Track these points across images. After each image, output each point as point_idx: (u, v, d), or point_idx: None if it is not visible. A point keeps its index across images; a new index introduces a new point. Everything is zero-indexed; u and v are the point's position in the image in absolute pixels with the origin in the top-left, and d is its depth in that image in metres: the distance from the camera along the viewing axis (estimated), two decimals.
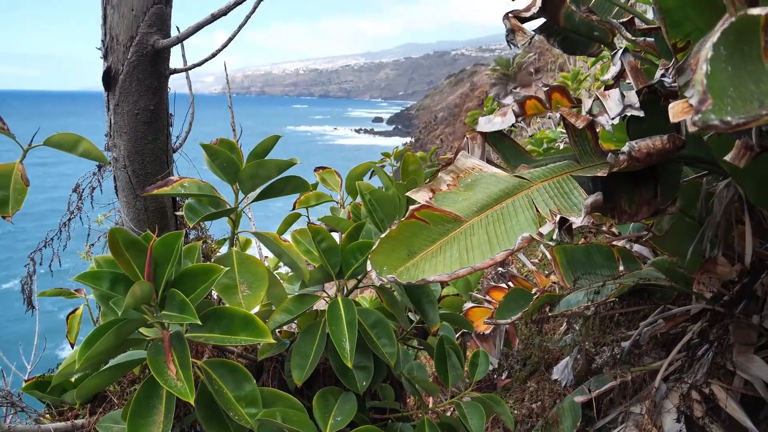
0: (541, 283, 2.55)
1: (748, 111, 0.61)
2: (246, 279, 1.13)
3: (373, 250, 1.10)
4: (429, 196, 1.30)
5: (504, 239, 1.11)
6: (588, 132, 1.45)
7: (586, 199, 1.20)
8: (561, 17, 2.33)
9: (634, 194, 1.42)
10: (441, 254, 1.11)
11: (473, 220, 1.18)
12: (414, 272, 1.07)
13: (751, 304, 1.81)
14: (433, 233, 1.16)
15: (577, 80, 6.34)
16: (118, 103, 1.32)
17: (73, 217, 1.55)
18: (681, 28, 1.25)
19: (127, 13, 1.26)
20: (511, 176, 1.35)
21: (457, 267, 1.06)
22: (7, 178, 1.21)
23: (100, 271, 0.90)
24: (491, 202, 1.24)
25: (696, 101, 0.59)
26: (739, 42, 0.65)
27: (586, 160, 1.44)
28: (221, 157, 1.13)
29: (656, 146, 1.24)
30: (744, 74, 0.65)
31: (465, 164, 1.43)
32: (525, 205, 1.22)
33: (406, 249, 1.12)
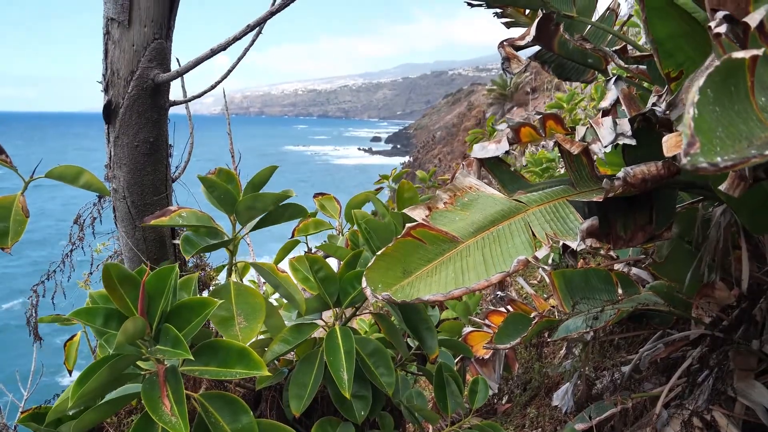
0: (540, 306, 2.55)
1: (737, 151, 0.62)
2: (243, 310, 1.14)
3: (368, 266, 1.09)
4: (426, 214, 1.31)
5: (500, 261, 1.11)
6: (583, 157, 1.46)
7: (582, 223, 1.20)
8: (555, 45, 2.36)
9: (629, 220, 1.43)
10: (436, 274, 1.11)
11: (469, 241, 1.19)
12: (409, 291, 1.07)
13: (750, 329, 1.81)
14: (429, 253, 1.16)
15: (573, 101, 6.39)
16: (118, 136, 1.34)
17: (75, 248, 1.56)
18: (673, 59, 1.27)
19: (128, 48, 1.28)
20: (508, 199, 1.36)
21: (452, 287, 1.06)
22: (7, 210, 1.22)
23: (94, 307, 0.90)
24: (488, 223, 1.24)
25: (685, 144, 0.60)
26: (726, 83, 0.66)
27: (582, 185, 1.45)
28: (218, 189, 1.14)
29: (651, 172, 1.25)
30: (732, 114, 0.67)
31: (463, 183, 1.43)
32: (521, 228, 1.22)
33: (401, 267, 1.12)
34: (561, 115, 6.36)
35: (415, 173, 5.82)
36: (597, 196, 1.31)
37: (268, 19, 1.21)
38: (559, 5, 2.23)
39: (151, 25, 1.29)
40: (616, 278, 2.01)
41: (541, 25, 2.17)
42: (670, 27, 1.20)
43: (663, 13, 1.18)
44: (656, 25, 1.20)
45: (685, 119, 0.62)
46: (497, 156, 1.58)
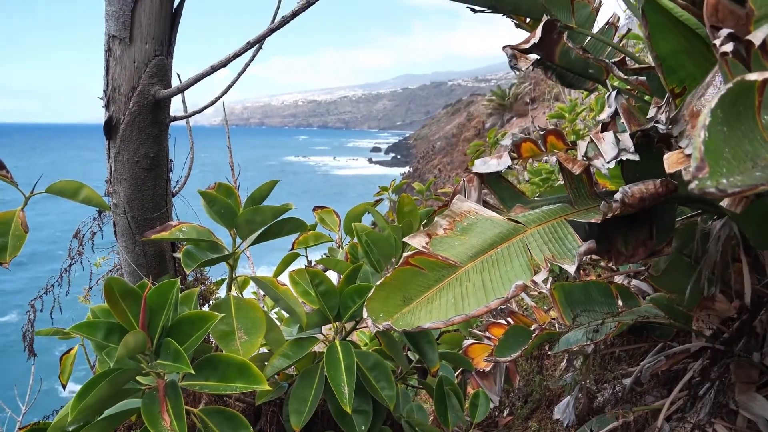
0: (541, 318, 2.54)
1: (742, 172, 0.62)
2: (243, 325, 1.14)
3: (369, 297, 1.10)
4: (425, 241, 1.31)
5: (498, 286, 1.11)
6: (584, 176, 1.46)
7: (580, 246, 1.20)
8: (557, 54, 2.38)
9: (630, 236, 1.44)
10: (436, 300, 1.11)
11: (468, 266, 1.19)
12: (410, 319, 1.07)
13: (751, 341, 1.80)
14: (428, 279, 1.16)
15: (573, 112, 6.40)
16: (119, 151, 1.35)
17: (74, 262, 1.56)
18: (676, 75, 1.28)
19: (129, 65, 1.29)
20: (506, 220, 1.36)
21: (452, 314, 1.06)
22: (6, 226, 1.22)
23: (95, 321, 0.91)
24: (486, 247, 1.24)
25: (693, 167, 0.61)
26: (735, 104, 0.67)
27: (580, 202, 1.45)
28: (218, 204, 1.14)
29: (649, 191, 1.26)
30: (739, 134, 0.67)
31: (461, 208, 1.43)
32: (519, 250, 1.22)
33: (401, 295, 1.12)
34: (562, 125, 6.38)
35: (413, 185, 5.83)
36: (595, 217, 1.31)
37: (268, 36, 1.23)
38: (560, 15, 2.24)
39: (152, 42, 1.30)
40: (616, 291, 2.01)
41: (544, 30, 2.18)
42: (672, 44, 1.21)
43: (665, 30, 1.19)
44: (659, 42, 1.21)
45: (695, 142, 0.62)
46: (498, 172, 1.58)
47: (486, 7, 2.22)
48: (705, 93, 1.04)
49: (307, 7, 1.17)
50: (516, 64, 1.96)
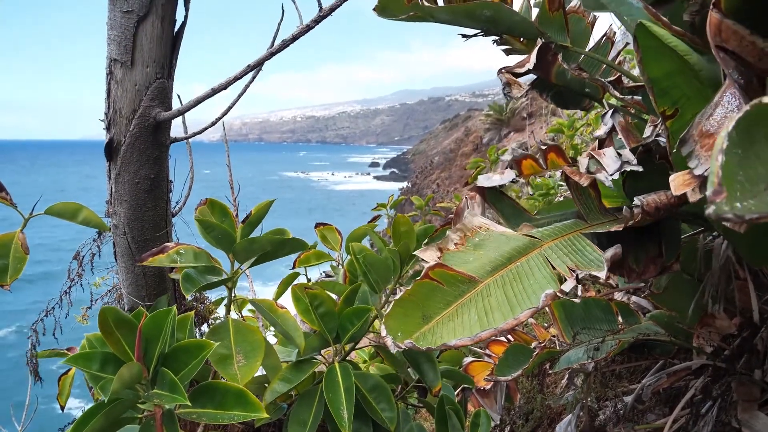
0: (541, 336, 2.53)
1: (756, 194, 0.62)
2: (242, 348, 1.13)
3: (387, 314, 1.06)
4: (437, 255, 1.29)
5: (524, 298, 1.08)
6: (591, 191, 1.46)
7: (606, 252, 1.19)
8: (553, 74, 2.40)
9: (640, 252, 1.43)
10: (458, 317, 1.07)
11: (488, 281, 1.15)
12: (431, 338, 1.03)
13: (752, 359, 1.80)
14: (447, 295, 1.12)
15: (573, 127, 6.43)
16: (120, 173, 1.35)
17: (74, 284, 1.56)
18: (669, 96, 1.29)
19: (131, 88, 1.31)
20: (521, 235, 1.34)
21: (477, 329, 1.02)
22: (6, 248, 1.22)
23: (90, 351, 0.90)
24: (504, 261, 1.22)
25: (710, 192, 0.61)
26: (750, 126, 0.67)
27: (592, 218, 1.45)
28: (216, 230, 1.14)
29: (662, 201, 1.26)
30: (752, 155, 0.67)
31: (472, 223, 1.41)
32: (540, 263, 1.20)
33: (420, 313, 1.08)
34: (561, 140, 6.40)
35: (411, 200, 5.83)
36: (615, 225, 1.30)
37: (268, 59, 1.24)
38: (554, 35, 2.26)
39: (153, 66, 1.32)
40: (616, 308, 2.01)
41: (540, 53, 2.20)
42: (665, 66, 1.22)
43: (657, 53, 1.21)
44: (651, 65, 1.22)
45: (712, 166, 0.62)
46: (499, 189, 1.59)
47: (479, 30, 2.24)
48: (714, 113, 1.05)
49: (306, 31, 1.19)
50: (509, 92, 1.98)
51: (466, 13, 2.10)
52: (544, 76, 2.39)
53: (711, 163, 0.63)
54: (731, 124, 0.66)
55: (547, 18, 2.24)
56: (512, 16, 2.11)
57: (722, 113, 1.02)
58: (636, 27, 1.23)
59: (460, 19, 2.18)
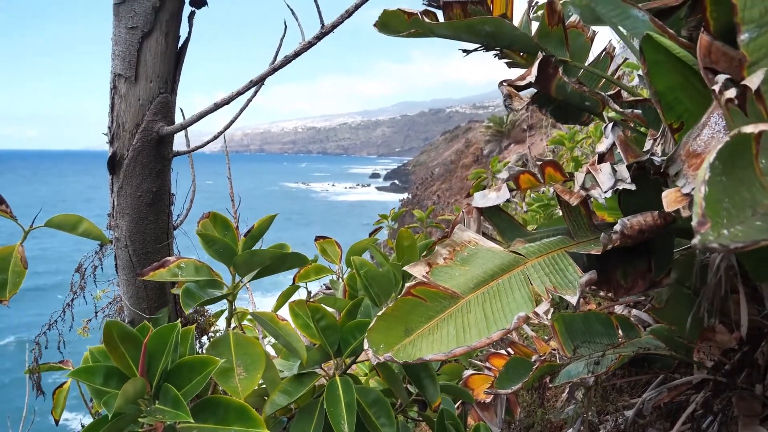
0: (541, 349, 2.52)
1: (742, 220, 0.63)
2: (243, 361, 1.13)
3: (370, 327, 1.10)
4: (426, 270, 1.31)
5: (500, 317, 1.11)
6: (582, 208, 1.48)
7: (581, 277, 1.21)
8: (553, 88, 2.41)
9: (629, 268, 1.44)
10: (438, 332, 1.10)
11: (469, 297, 1.18)
12: (411, 351, 1.06)
13: (752, 373, 1.79)
14: (429, 310, 1.15)
15: (573, 140, 6.45)
16: (122, 186, 1.36)
17: (76, 297, 1.56)
18: (674, 111, 1.30)
19: (134, 103, 1.32)
20: (507, 252, 1.36)
21: (453, 345, 1.05)
22: (6, 262, 1.22)
23: (94, 365, 0.90)
24: (487, 278, 1.24)
25: (696, 222, 0.62)
26: (733, 154, 0.68)
27: (579, 235, 1.46)
28: (217, 243, 1.15)
29: (647, 222, 1.27)
30: (737, 182, 0.68)
31: (462, 238, 1.44)
32: (521, 281, 1.22)
33: (403, 326, 1.11)
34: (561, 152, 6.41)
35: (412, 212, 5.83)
36: (595, 249, 1.31)
37: (270, 75, 1.25)
38: (555, 50, 2.28)
39: (157, 81, 1.33)
40: (616, 321, 2.01)
41: (540, 66, 2.22)
42: (669, 80, 1.24)
43: (663, 66, 1.22)
44: (657, 79, 1.23)
45: (696, 197, 0.64)
46: (497, 205, 1.60)
47: (480, 44, 2.26)
48: (701, 133, 1.06)
49: (308, 48, 1.20)
50: (510, 104, 2.00)
51: (466, 29, 2.12)
52: (544, 89, 2.41)
53: (695, 194, 0.64)
54: (713, 154, 0.67)
55: (546, 33, 2.26)
56: (512, 31, 2.13)
57: (709, 133, 1.04)
58: (642, 39, 1.24)
59: (461, 34, 2.20)
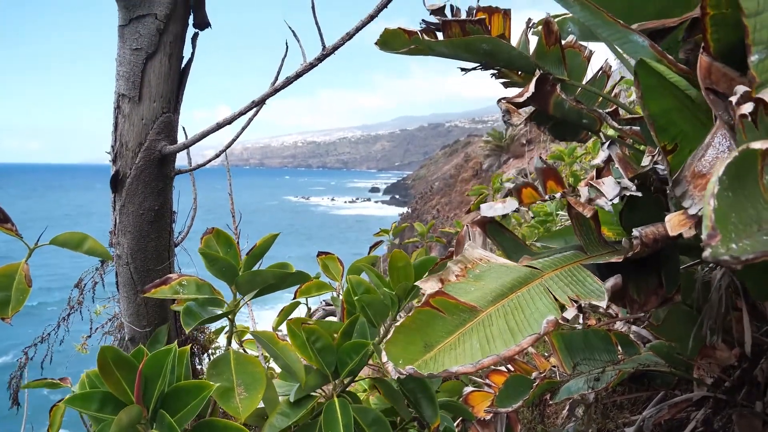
0: (541, 365, 2.52)
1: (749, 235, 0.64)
2: (243, 381, 1.13)
3: (387, 340, 1.06)
4: (438, 286, 1.30)
5: (526, 326, 1.08)
6: (592, 222, 1.48)
7: (606, 282, 1.20)
8: (551, 105, 2.44)
9: (641, 283, 1.44)
10: (460, 345, 1.07)
11: (489, 310, 1.15)
12: (433, 364, 1.03)
13: (752, 390, 1.79)
14: (448, 324, 1.12)
15: (572, 155, 6.48)
16: (124, 204, 1.37)
17: (73, 312, 1.56)
18: (668, 133, 1.31)
19: (138, 122, 1.34)
20: (522, 266, 1.35)
21: (479, 357, 1.02)
22: (10, 279, 1.23)
23: (90, 392, 0.90)
24: (506, 291, 1.22)
25: (705, 236, 0.62)
26: (738, 170, 0.69)
27: (591, 249, 1.46)
28: (220, 262, 1.16)
29: (661, 233, 1.27)
30: (742, 198, 0.69)
31: (473, 255, 1.42)
32: (541, 292, 1.20)
33: (422, 340, 1.08)
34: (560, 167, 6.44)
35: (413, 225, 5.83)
36: (616, 257, 1.31)
37: (271, 96, 1.27)
38: (552, 69, 2.31)
39: (160, 100, 1.35)
40: (615, 338, 2.01)
41: (538, 83, 2.24)
42: (663, 103, 1.25)
43: (656, 91, 1.23)
44: (651, 102, 1.25)
45: (705, 211, 0.64)
46: (499, 223, 1.60)
47: (478, 63, 2.29)
48: (705, 154, 1.07)
49: (309, 69, 1.22)
50: (509, 119, 2.02)
51: (464, 47, 2.15)
52: (542, 107, 2.43)
53: (704, 208, 0.64)
54: (721, 168, 0.68)
55: (544, 52, 2.29)
56: (510, 50, 2.16)
57: (713, 154, 1.05)
58: (636, 64, 1.26)
59: (460, 52, 2.23)
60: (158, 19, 1.31)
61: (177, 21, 1.35)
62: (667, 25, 1.60)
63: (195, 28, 1.41)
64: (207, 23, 1.40)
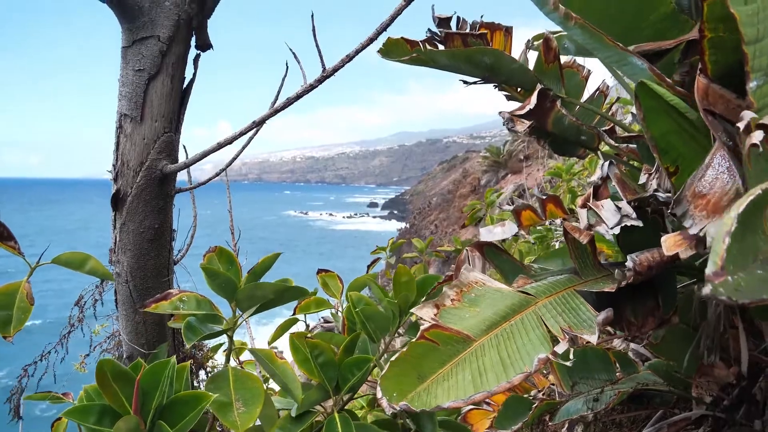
0: (540, 383, 2.52)
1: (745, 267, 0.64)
2: (242, 396, 1.13)
3: (382, 375, 1.07)
4: (434, 312, 1.30)
5: (517, 359, 1.09)
6: (588, 246, 1.48)
7: (597, 315, 1.21)
8: (550, 121, 2.46)
9: (638, 306, 1.45)
10: (453, 377, 1.08)
11: (482, 340, 1.16)
12: (426, 398, 1.03)
13: (751, 409, 1.79)
14: (442, 354, 1.12)
15: (570, 173, 6.52)
16: (125, 222, 1.38)
17: (74, 329, 1.57)
18: (669, 155, 1.33)
19: (139, 142, 1.35)
20: (516, 292, 1.35)
21: (471, 391, 1.03)
22: (12, 297, 1.23)
23: (88, 404, 0.91)
24: (499, 319, 1.22)
25: (711, 272, 0.62)
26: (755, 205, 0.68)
27: (586, 273, 1.47)
28: (220, 278, 1.17)
29: (656, 259, 1.28)
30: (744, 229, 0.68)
31: (468, 278, 1.43)
32: (534, 322, 1.20)
33: (416, 372, 1.09)
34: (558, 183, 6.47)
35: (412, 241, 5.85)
36: (609, 286, 1.31)
37: (272, 116, 1.29)
38: (551, 85, 2.34)
39: (162, 120, 1.37)
40: (614, 357, 2.01)
41: (539, 97, 2.26)
42: (662, 126, 1.27)
43: (655, 113, 1.25)
44: (652, 125, 1.26)
45: (716, 247, 0.64)
46: (497, 245, 1.61)
47: (479, 77, 2.32)
48: (705, 174, 1.08)
49: (309, 90, 1.24)
50: (513, 127, 2.03)
51: (466, 59, 2.18)
52: (541, 122, 2.46)
53: (715, 244, 0.63)
54: (742, 206, 0.67)
55: (542, 70, 2.32)
56: (510, 63, 2.18)
57: (713, 174, 1.06)
58: (637, 86, 1.28)
59: (461, 64, 2.25)
60: (161, 41, 1.33)
61: (179, 43, 1.37)
62: (663, 47, 1.63)
63: (197, 49, 1.43)
64: (209, 45, 1.42)
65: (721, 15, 1.10)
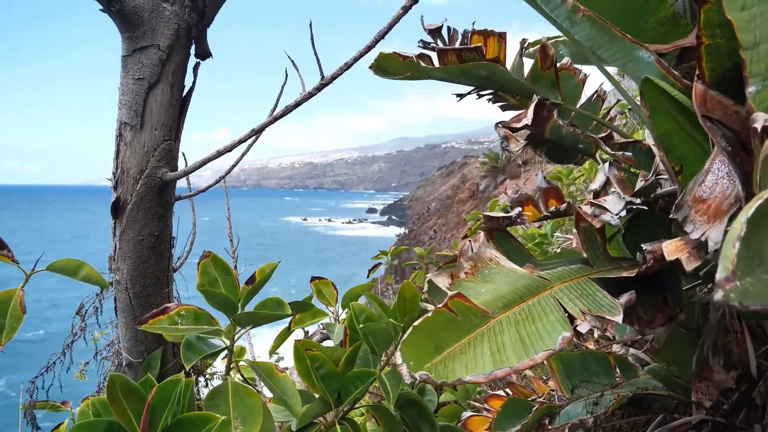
0: (540, 389, 2.51)
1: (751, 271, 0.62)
2: (240, 413, 1.12)
3: (403, 340, 1.05)
4: (449, 282, 1.29)
5: (537, 339, 1.07)
6: (598, 236, 1.48)
7: (620, 297, 1.20)
8: (547, 130, 2.46)
9: (647, 301, 1.44)
10: (470, 351, 1.05)
11: (500, 317, 1.14)
12: (443, 371, 1.01)
13: (751, 413, 1.79)
14: (460, 328, 1.10)
15: (570, 177, 6.52)
16: (125, 230, 1.38)
17: (77, 339, 1.57)
18: (672, 154, 1.33)
19: (139, 150, 1.36)
20: (531, 274, 1.34)
21: (491, 367, 1.00)
22: (5, 305, 1.23)
23: (94, 421, 0.90)
24: (516, 299, 1.21)
25: (722, 278, 0.61)
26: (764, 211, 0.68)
27: (598, 264, 1.46)
28: (218, 297, 1.17)
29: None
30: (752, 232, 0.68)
31: (485, 254, 1.41)
32: (552, 304, 1.19)
33: (433, 342, 1.06)
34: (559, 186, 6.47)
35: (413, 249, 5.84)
36: (628, 272, 1.30)
37: (271, 124, 1.29)
38: (546, 92, 2.34)
39: (162, 128, 1.37)
40: (614, 362, 2.01)
41: (536, 109, 2.27)
42: (666, 125, 1.27)
43: (661, 111, 1.25)
44: (657, 123, 1.27)
45: (727, 252, 0.62)
46: (506, 230, 1.60)
47: (474, 86, 2.32)
48: (705, 179, 1.09)
49: (308, 98, 1.24)
50: (508, 146, 2.04)
51: (461, 73, 2.18)
52: (539, 132, 2.46)
53: (725, 248, 0.62)
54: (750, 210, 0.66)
55: (538, 76, 2.33)
56: (505, 75, 2.19)
57: (713, 180, 1.07)
58: (642, 82, 1.27)
59: (456, 78, 2.26)
60: (161, 50, 1.34)
61: (179, 51, 1.38)
62: (660, 51, 1.63)
63: (197, 58, 1.44)
64: (208, 53, 1.43)
65: (718, 21, 1.11)
